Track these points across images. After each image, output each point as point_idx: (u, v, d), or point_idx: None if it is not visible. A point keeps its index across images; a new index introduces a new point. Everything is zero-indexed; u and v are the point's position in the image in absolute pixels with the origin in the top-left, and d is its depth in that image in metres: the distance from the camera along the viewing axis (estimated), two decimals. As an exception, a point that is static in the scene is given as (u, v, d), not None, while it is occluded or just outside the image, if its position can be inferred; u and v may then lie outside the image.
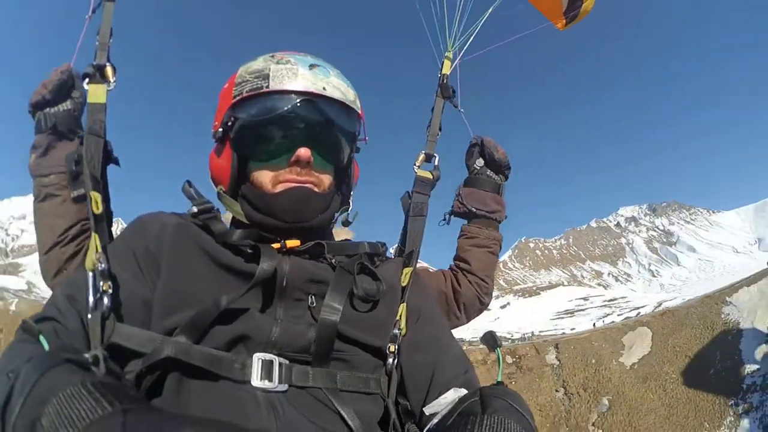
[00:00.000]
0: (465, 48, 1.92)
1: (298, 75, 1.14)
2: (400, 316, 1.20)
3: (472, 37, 1.93)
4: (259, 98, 1.15)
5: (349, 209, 1.32)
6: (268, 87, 1.13)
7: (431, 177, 1.63)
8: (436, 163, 1.67)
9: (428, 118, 1.78)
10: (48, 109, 1.50)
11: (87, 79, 1.34)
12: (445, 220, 1.91)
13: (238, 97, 1.16)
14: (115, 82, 1.35)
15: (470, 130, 1.88)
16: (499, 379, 1.03)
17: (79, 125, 1.51)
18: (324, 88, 1.15)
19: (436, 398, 1.05)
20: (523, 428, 0.81)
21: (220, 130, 1.20)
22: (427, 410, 1.04)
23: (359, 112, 1.25)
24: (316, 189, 1.18)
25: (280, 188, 1.15)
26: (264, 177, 1.17)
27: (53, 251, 1.47)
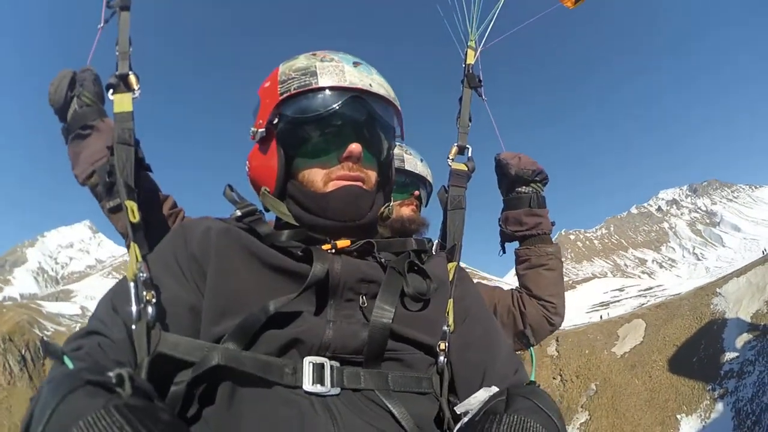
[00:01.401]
0: (486, 35, 1.90)
1: (345, 72, 1.15)
2: (448, 312, 1.18)
3: (492, 24, 1.91)
4: (309, 94, 1.14)
5: (390, 205, 1.31)
6: (317, 83, 1.13)
7: (466, 169, 1.62)
8: (469, 155, 1.65)
9: (456, 109, 1.76)
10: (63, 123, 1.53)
11: (111, 90, 1.35)
12: (502, 249, 1.94)
13: (285, 94, 1.15)
14: (139, 89, 1.36)
15: (493, 119, 1.85)
16: (532, 378, 1.07)
17: (93, 115, 1.51)
18: (370, 85, 1.16)
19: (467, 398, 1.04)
20: (545, 429, 0.80)
21: (263, 130, 1.18)
22: (459, 409, 1.03)
23: (399, 108, 1.26)
24: (364, 186, 1.17)
25: (332, 186, 1.14)
26: (315, 175, 1.15)
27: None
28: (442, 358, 1.13)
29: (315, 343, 1.02)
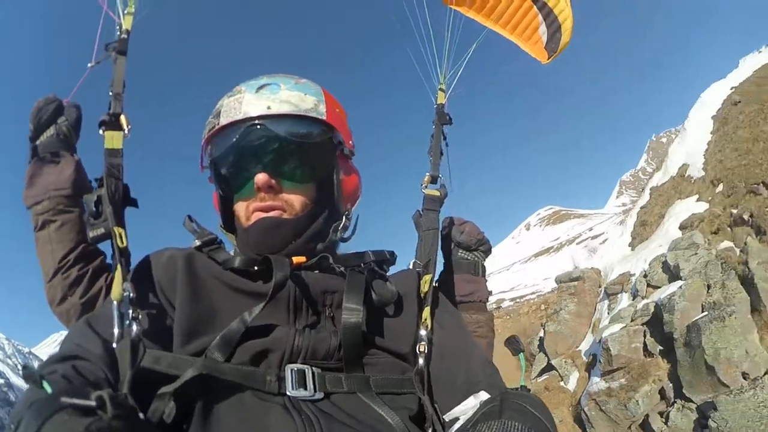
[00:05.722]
0: (455, 81, 2.12)
1: (242, 103, 1.16)
2: (426, 318, 1.20)
3: (460, 71, 2.13)
4: (214, 137, 1.19)
5: (341, 224, 1.27)
6: (218, 124, 1.17)
7: (439, 194, 1.68)
8: (441, 183, 1.74)
9: (427, 143, 1.89)
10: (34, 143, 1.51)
11: (103, 127, 1.36)
12: None
13: (203, 138, 1.22)
14: (130, 129, 1.39)
15: (449, 165, 1.88)
16: (522, 383, 1.07)
17: (64, 147, 1.53)
18: (268, 107, 1.15)
19: (457, 404, 1.06)
20: None
21: (205, 171, 1.27)
22: (448, 417, 1.06)
23: (323, 118, 1.21)
24: (285, 215, 1.17)
25: (253, 219, 1.17)
26: (241, 210, 1.20)
27: (56, 278, 1.45)
28: (421, 360, 1.14)
29: (286, 351, 1.02)
